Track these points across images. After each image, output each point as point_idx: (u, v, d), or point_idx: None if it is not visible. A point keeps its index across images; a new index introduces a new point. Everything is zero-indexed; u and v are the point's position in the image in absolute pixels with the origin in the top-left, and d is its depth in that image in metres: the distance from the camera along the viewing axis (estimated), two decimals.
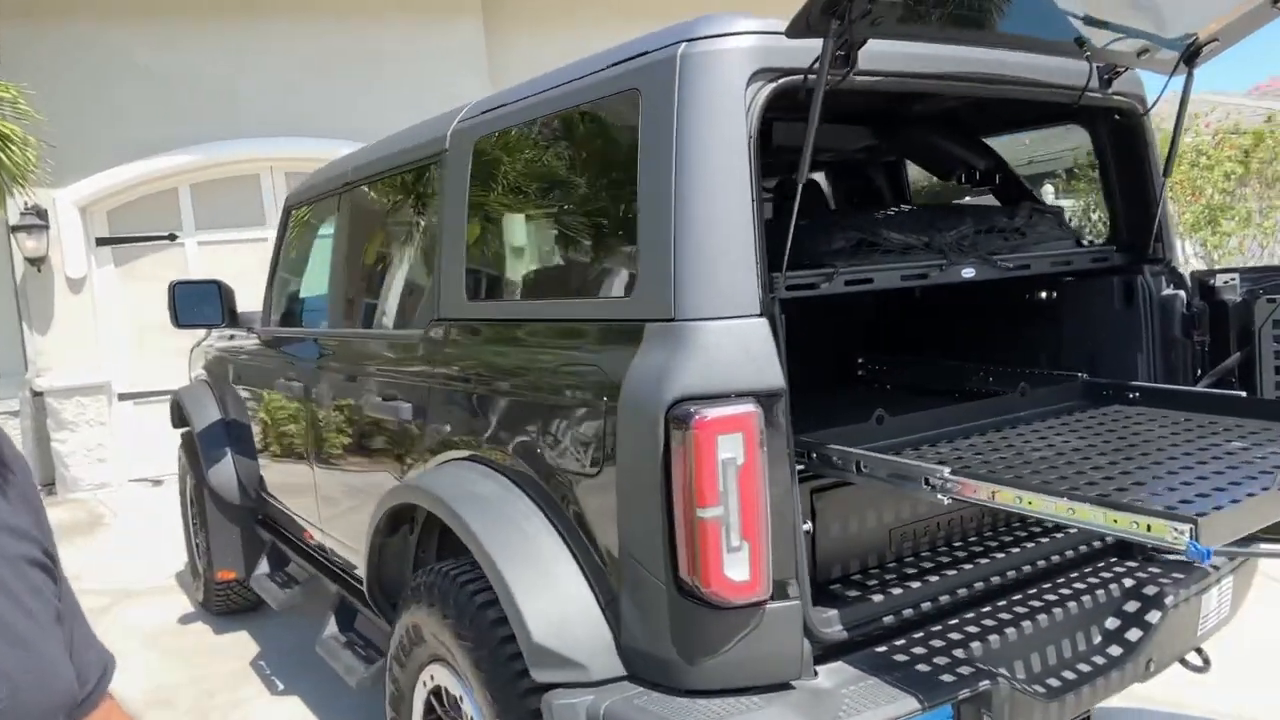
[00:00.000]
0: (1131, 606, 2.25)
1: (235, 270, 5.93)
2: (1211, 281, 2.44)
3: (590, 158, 2.16)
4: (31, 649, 0.82)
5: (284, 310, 3.91)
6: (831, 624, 1.90)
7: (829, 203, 3.57)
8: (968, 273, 2.25)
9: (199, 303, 3.90)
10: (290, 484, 3.73)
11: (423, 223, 2.80)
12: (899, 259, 2.20)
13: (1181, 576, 2.31)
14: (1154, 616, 2.21)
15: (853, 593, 2.07)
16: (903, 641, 2.01)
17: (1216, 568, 2.34)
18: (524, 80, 2.33)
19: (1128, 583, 2.30)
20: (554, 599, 1.89)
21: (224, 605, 4.53)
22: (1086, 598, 2.22)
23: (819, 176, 3.75)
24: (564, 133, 2.19)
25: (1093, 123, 2.68)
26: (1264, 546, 1.59)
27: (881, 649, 1.97)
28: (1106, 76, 2.39)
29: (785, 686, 1.78)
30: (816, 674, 1.82)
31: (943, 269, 2.19)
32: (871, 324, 3.50)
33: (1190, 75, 2.35)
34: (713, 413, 1.64)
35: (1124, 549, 2.46)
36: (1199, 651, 2.43)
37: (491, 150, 2.41)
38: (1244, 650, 3.22)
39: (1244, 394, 2.27)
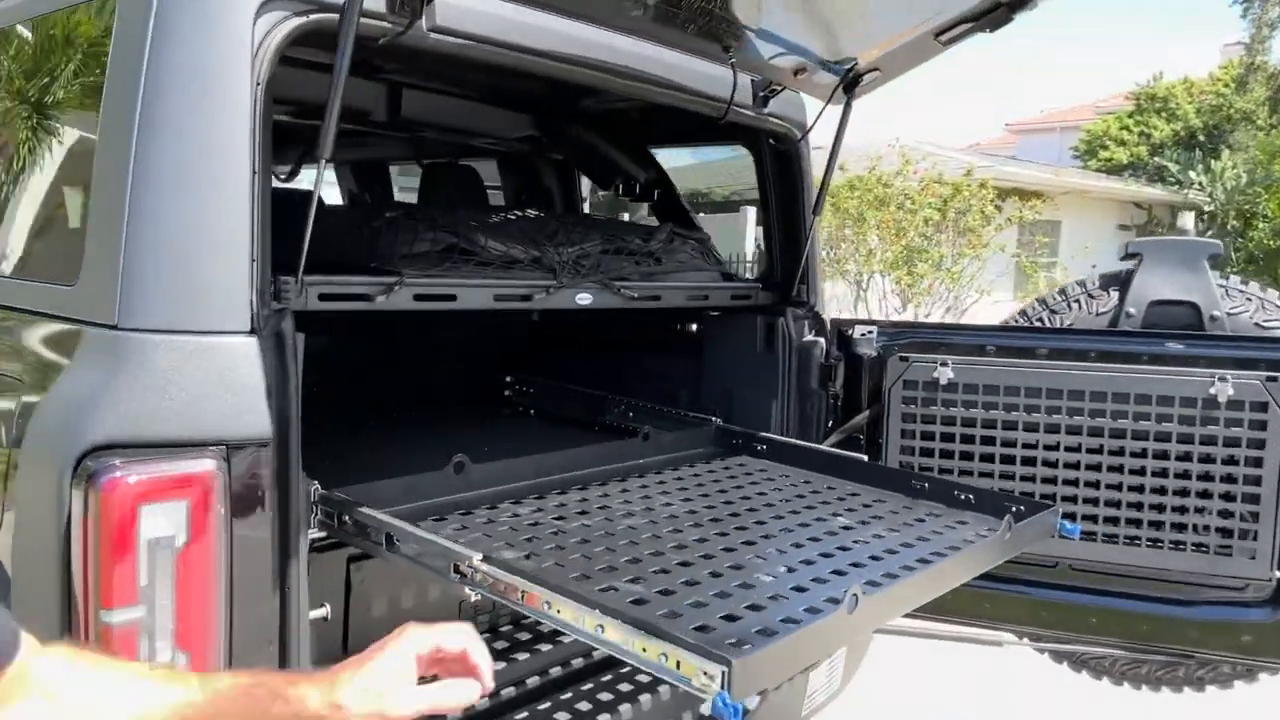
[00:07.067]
0: None
1: None
2: (850, 332, 2.27)
3: (49, 81, 1.56)
4: None
5: None
6: None
7: (485, 195, 3.13)
8: (583, 299, 1.90)
9: None
10: None
11: None
12: (496, 274, 1.79)
13: None
14: (752, 702, 1.98)
15: None
16: None
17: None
18: None
19: None
20: None
21: None
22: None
23: (486, 166, 3.32)
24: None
25: (755, 145, 2.45)
26: None
27: None
28: (762, 94, 2.14)
29: None
30: None
31: (550, 292, 1.82)
32: (528, 338, 3.12)
33: (849, 104, 2.16)
34: (135, 471, 1.13)
35: None
36: None
37: None
38: None
39: (865, 458, 2.09)
